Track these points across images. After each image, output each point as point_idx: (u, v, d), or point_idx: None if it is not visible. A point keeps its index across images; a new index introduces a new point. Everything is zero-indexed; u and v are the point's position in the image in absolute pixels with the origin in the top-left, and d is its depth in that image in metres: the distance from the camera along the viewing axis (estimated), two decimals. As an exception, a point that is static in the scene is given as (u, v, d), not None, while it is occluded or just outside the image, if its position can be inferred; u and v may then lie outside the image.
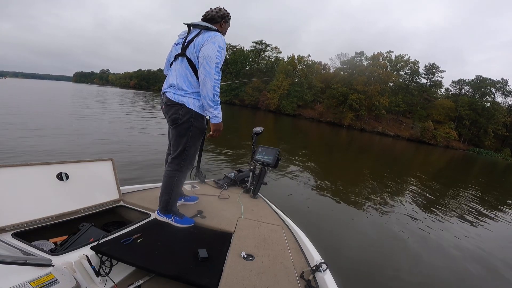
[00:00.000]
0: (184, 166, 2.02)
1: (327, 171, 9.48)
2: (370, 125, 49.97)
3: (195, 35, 1.86)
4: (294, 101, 53.31)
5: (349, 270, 3.20)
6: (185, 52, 1.86)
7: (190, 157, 2.02)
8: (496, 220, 6.69)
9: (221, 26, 2.05)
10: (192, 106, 1.87)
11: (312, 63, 57.57)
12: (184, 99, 1.86)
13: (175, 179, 2.00)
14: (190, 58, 1.85)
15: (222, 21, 2.04)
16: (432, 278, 3.44)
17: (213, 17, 2.00)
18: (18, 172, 1.69)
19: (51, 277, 1.21)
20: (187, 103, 1.86)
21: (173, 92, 1.89)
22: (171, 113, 1.91)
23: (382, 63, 52.79)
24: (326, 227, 4.39)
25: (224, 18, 2.05)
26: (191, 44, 1.84)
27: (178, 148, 1.96)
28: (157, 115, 16.57)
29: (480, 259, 4.24)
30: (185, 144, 1.94)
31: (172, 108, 1.89)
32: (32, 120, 9.55)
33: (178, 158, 1.99)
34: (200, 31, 1.87)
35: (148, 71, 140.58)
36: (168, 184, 2.00)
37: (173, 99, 1.87)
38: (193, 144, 1.98)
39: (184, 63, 1.88)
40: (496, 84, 54.11)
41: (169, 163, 2.04)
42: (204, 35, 1.83)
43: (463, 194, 9.33)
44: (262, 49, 64.60)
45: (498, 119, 48.97)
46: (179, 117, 1.88)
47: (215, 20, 2.00)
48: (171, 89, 1.91)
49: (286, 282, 1.48)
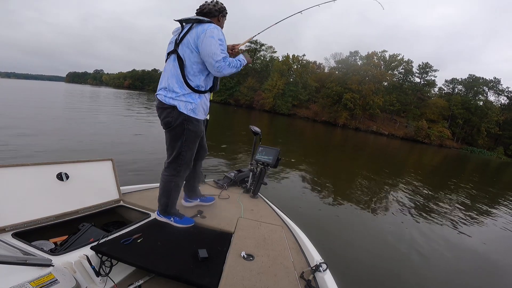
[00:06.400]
0: (181, 171, 1.98)
1: (325, 170, 9.54)
2: (364, 124, 50.23)
3: (187, 30, 1.79)
4: (289, 101, 53.33)
5: (349, 270, 3.22)
6: (177, 49, 1.79)
7: (187, 161, 1.97)
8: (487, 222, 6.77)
9: (219, 20, 1.97)
10: (184, 110, 1.81)
11: (306, 62, 57.71)
12: (176, 102, 1.80)
13: (172, 184, 1.97)
14: (182, 57, 1.78)
15: (219, 15, 1.95)
16: (432, 277, 3.47)
17: (210, 11, 1.90)
18: (18, 172, 1.68)
19: (51, 277, 1.20)
20: (178, 106, 1.80)
21: (164, 94, 1.83)
22: (163, 116, 1.86)
23: (377, 63, 53.14)
24: (326, 227, 4.41)
25: (222, 12, 1.96)
26: (184, 40, 1.78)
27: (173, 152, 1.92)
28: (155, 114, 16.49)
29: (481, 259, 4.30)
30: (180, 148, 1.89)
31: (164, 111, 1.84)
32: (31, 121, 9.50)
33: (174, 162, 1.94)
34: (192, 25, 1.79)
35: (142, 71, 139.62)
36: (166, 188, 1.98)
37: (164, 102, 1.82)
38: (188, 149, 1.93)
39: (176, 62, 1.81)
40: (488, 83, 54.80)
41: (165, 168, 2.00)
42: (198, 28, 1.75)
43: (457, 192, 9.45)
44: (257, 48, 64.46)
45: (491, 117, 49.56)
46: (172, 120, 1.82)
47: (212, 14, 1.91)
48: (162, 91, 1.85)
49: (286, 282, 1.48)
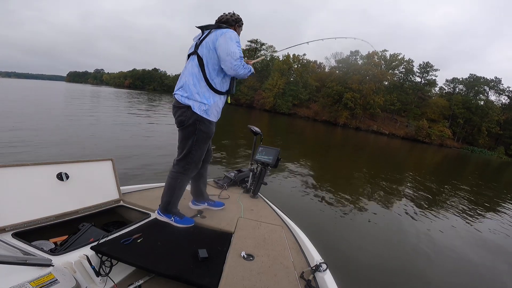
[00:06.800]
0: (189, 170, 2.03)
1: (325, 170, 9.54)
2: (365, 124, 50.22)
3: (207, 33, 1.95)
4: (290, 100, 53.35)
5: (349, 270, 3.22)
6: (197, 50, 1.92)
7: (196, 161, 2.03)
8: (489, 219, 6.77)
9: (235, 29, 2.13)
10: (197, 110, 1.89)
11: (307, 62, 57.72)
12: (190, 102, 1.89)
13: (178, 181, 2.01)
14: (201, 56, 1.90)
15: (236, 24, 2.13)
16: (433, 277, 3.47)
17: (227, 21, 2.09)
18: (18, 172, 1.68)
19: (51, 277, 1.20)
20: (192, 106, 1.89)
21: (181, 94, 1.93)
22: (177, 115, 1.95)
23: (377, 62, 53.04)
24: (326, 227, 4.41)
25: (238, 22, 2.14)
26: (203, 42, 1.92)
27: (183, 150, 1.99)
28: (155, 114, 16.49)
29: (480, 261, 4.26)
30: (190, 147, 1.96)
31: (179, 110, 1.93)
32: (31, 121, 9.50)
33: (183, 160, 2.01)
34: (211, 30, 1.96)
35: (143, 70, 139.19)
36: (171, 185, 2.02)
37: (180, 101, 1.91)
38: (198, 148, 1.99)
39: (195, 61, 1.93)
40: (489, 82, 54.69)
41: (174, 165, 2.06)
42: (217, 32, 1.91)
43: (458, 192, 9.44)
44: (258, 48, 64.43)
45: (492, 117, 49.50)
46: (185, 119, 1.91)
47: (229, 23, 2.09)
48: (179, 91, 1.95)
49: (286, 282, 1.48)
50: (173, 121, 2.01)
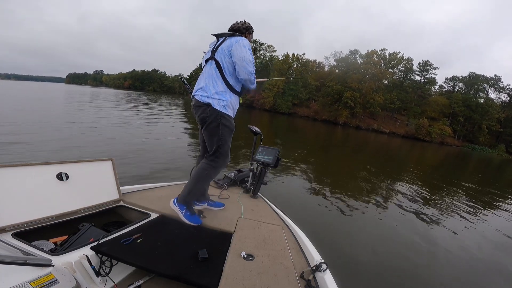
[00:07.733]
0: (218, 163, 2.14)
1: (325, 169, 9.53)
2: (365, 123, 50.23)
3: (222, 41, 2.13)
4: (289, 100, 53.39)
5: (349, 270, 3.21)
6: (214, 56, 2.10)
7: (224, 154, 2.15)
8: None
9: (246, 36, 2.32)
10: (217, 106, 2.03)
11: (306, 61, 57.70)
12: (210, 100, 2.03)
13: (205, 172, 2.12)
14: (218, 61, 2.08)
15: (246, 32, 2.32)
16: (433, 277, 3.46)
17: (239, 29, 2.29)
18: (18, 172, 1.68)
19: (51, 277, 1.20)
20: (212, 104, 2.02)
21: (201, 94, 2.07)
22: (199, 113, 2.08)
23: (376, 61, 53.03)
24: (326, 227, 4.40)
25: (248, 30, 2.34)
26: (219, 48, 2.09)
27: (213, 147, 2.12)
28: (155, 114, 16.49)
29: (480, 262, 4.24)
30: (218, 142, 2.09)
31: (200, 108, 2.07)
32: (31, 121, 9.52)
33: (213, 155, 2.13)
34: (225, 38, 2.14)
35: (142, 71, 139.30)
36: (197, 174, 2.13)
37: (200, 100, 2.05)
38: (225, 142, 2.12)
39: (213, 65, 2.10)
40: (489, 80, 54.75)
41: (205, 158, 2.18)
42: (231, 39, 2.10)
43: (460, 191, 9.44)
44: (257, 47, 64.44)
45: (492, 115, 49.53)
46: (206, 116, 2.04)
47: (240, 31, 2.29)
48: (199, 92, 2.09)
49: (286, 282, 1.48)
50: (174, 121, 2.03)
